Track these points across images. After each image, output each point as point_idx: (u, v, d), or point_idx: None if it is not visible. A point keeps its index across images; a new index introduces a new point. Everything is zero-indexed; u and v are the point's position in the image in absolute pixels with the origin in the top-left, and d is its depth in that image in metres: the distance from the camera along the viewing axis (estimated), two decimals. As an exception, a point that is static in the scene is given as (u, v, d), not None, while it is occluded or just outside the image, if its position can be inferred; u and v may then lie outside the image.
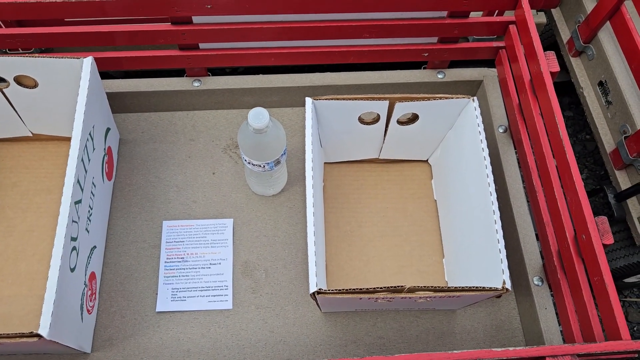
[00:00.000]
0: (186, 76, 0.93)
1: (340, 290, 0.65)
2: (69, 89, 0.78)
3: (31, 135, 0.90)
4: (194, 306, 0.81)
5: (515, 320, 0.81)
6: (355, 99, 0.77)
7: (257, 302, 0.82)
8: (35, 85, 0.79)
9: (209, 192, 0.90)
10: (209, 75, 0.93)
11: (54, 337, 0.60)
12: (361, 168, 0.92)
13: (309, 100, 0.77)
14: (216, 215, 0.88)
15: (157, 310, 0.81)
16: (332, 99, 0.77)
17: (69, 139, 0.89)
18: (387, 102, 0.78)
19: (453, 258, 0.83)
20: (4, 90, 0.80)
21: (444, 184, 0.88)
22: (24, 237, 0.84)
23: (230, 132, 0.95)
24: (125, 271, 0.83)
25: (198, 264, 0.84)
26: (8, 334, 0.59)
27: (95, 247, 0.79)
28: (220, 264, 0.84)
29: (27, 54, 0.75)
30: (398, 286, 0.65)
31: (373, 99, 0.77)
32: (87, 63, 0.75)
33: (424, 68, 0.96)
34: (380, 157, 0.91)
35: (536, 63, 0.75)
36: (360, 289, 0.65)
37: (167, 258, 0.84)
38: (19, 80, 0.78)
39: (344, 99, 0.77)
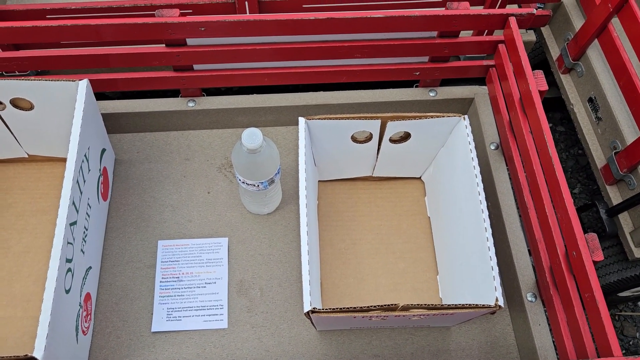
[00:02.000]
0: (181, 96, 0.94)
1: (334, 309, 0.65)
2: (65, 111, 0.79)
3: (27, 156, 0.91)
4: (190, 326, 0.81)
5: (510, 336, 0.82)
6: (348, 118, 0.78)
7: (253, 321, 0.82)
8: (31, 108, 0.80)
9: (204, 211, 0.90)
10: (204, 96, 0.94)
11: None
12: (355, 186, 0.93)
13: (302, 120, 0.78)
14: (211, 234, 0.88)
15: (152, 330, 0.81)
16: (325, 119, 0.78)
17: (64, 160, 0.90)
18: (379, 121, 0.79)
19: (447, 275, 0.84)
20: (0, 112, 0.80)
21: (436, 201, 0.89)
22: (19, 258, 0.85)
23: (224, 151, 0.95)
24: (120, 291, 0.83)
25: (193, 284, 0.84)
26: (2, 357, 0.59)
27: (90, 267, 0.79)
28: (215, 283, 0.85)
29: (22, 77, 0.76)
30: (392, 304, 0.66)
31: (365, 118, 0.78)
32: (83, 85, 0.76)
33: (416, 86, 0.97)
34: (373, 175, 0.92)
35: (525, 82, 0.76)
36: (354, 307, 0.65)
37: (163, 278, 0.85)
38: (15, 103, 0.79)
39: (336, 118, 0.78)
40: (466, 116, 0.79)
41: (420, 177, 0.94)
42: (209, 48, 0.81)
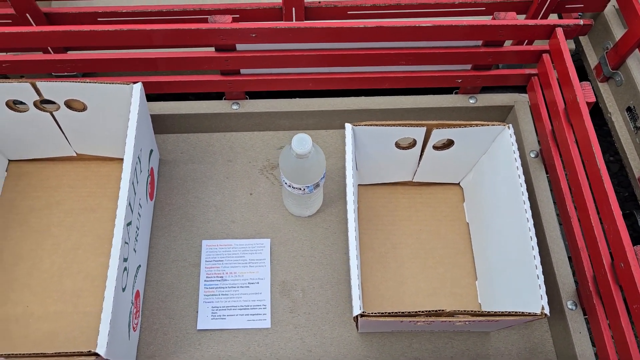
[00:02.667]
0: (224, 99, 0.96)
1: (382, 313, 0.67)
2: (116, 113, 0.81)
3: (75, 155, 0.93)
4: (234, 324, 0.83)
5: (548, 343, 0.83)
6: (394, 125, 0.79)
7: (295, 321, 0.84)
8: (84, 109, 0.82)
9: (246, 213, 0.92)
10: (247, 99, 0.96)
11: (109, 356, 0.63)
12: (395, 190, 0.94)
13: (348, 126, 0.79)
14: (254, 235, 0.90)
15: (198, 328, 0.83)
16: (371, 125, 0.79)
17: (111, 159, 0.93)
18: (424, 129, 0.80)
19: (486, 281, 0.85)
20: (54, 112, 0.83)
21: (476, 207, 0.90)
22: (68, 254, 0.87)
23: (266, 153, 0.97)
24: (166, 289, 0.85)
25: (237, 283, 0.86)
26: (66, 352, 0.61)
27: (140, 266, 0.81)
28: (258, 283, 0.86)
29: (71, 78, 0.78)
30: (439, 310, 0.67)
31: (411, 125, 0.79)
32: (137, 89, 0.77)
33: (456, 93, 0.98)
34: (413, 180, 0.93)
35: (571, 92, 0.77)
36: (402, 312, 0.67)
37: (207, 277, 0.87)
38: (68, 104, 0.81)
39: (382, 125, 0.79)
40: (510, 125, 0.80)
41: (458, 183, 0.95)
42: (257, 53, 0.83)
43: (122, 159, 0.93)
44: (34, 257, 0.87)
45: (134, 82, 0.79)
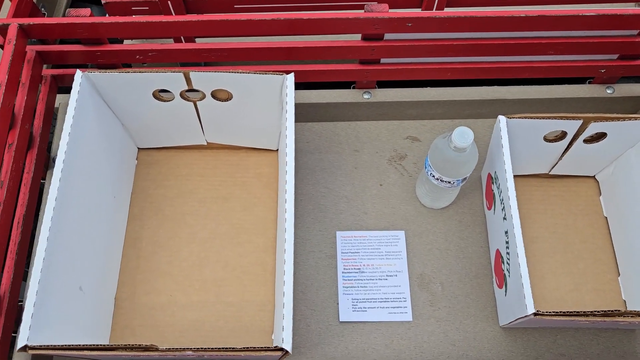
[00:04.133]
0: (353, 88, 0.94)
1: (557, 312, 0.66)
2: (261, 103, 0.81)
3: (205, 144, 0.93)
4: (376, 317, 0.83)
5: (699, 342, 0.81)
6: (548, 117, 0.77)
7: (437, 315, 0.83)
8: (228, 98, 0.81)
9: (378, 204, 0.91)
10: (376, 88, 0.94)
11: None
12: (527, 182, 0.92)
13: (503, 119, 0.77)
14: (387, 227, 0.89)
15: (340, 320, 0.83)
16: (524, 118, 0.77)
17: (238, 148, 0.92)
18: (580, 122, 0.78)
19: (631, 277, 0.83)
20: (197, 102, 0.82)
21: (617, 202, 0.87)
22: (206, 244, 0.87)
23: (393, 143, 0.96)
24: (305, 280, 0.85)
25: (375, 275, 0.86)
26: (254, 347, 0.61)
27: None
28: (396, 276, 0.86)
29: (193, 67, 0.76)
30: (614, 310, 0.66)
31: (567, 117, 0.77)
32: (291, 79, 0.76)
33: (589, 82, 0.95)
34: (549, 173, 0.91)
35: None
36: (578, 312, 0.66)
37: (345, 268, 0.86)
38: (214, 94, 0.81)
39: (536, 117, 0.77)
40: (670, 119, 0.77)
41: (594, 176, 0.92)
42: (405, 43, 0.81)
43: (253, 148, 0.93)
44: (171, 246, 0.87)
45: (279, 72, 0.78)
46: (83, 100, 0.74)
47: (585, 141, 0.82)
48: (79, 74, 0.74)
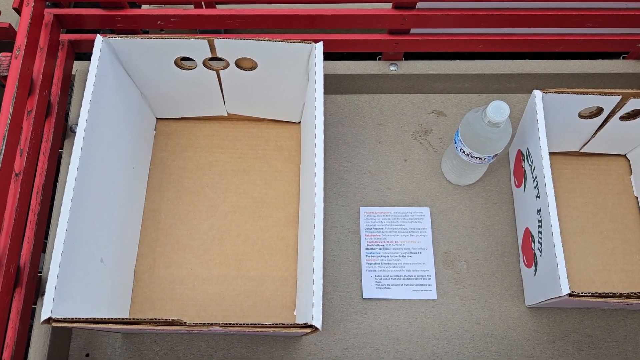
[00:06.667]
0: (379, 59, 0.91)
1: (593, 294, 0.64)
2: (287, 72, 0.78)
3: (226, 115, 0.90)
4: (399, 294, 0.82)
5: None
6: (585, 92, 0.74)
7: (461, 293, 0.82)
8: (252, 68, 0.78)
9: (402, 179, 0.89)
10: (403, 60, 0.91)
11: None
12: (556, 160, 0.89)
13: (538, 93, 0.75)
14: (411, 203, 0.87)
15: (363, 297, 0.81)
16: (561, 92, 0.75)
17: (259, 120, 0.90)
18: (618, 97, 0.75)
19: (661, 259, 0.81)
20: (220, 71, 0.79)
21: (649, 181, 0.85)
22: (226, 217, 0.85)
23: (417, 117, 0.93)
24: (328, 256, 0.84)
25: (399, 252, 0.84)
26: (283, 324, 0.60)
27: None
28: (421, 253, 0.84)
29: (213, 35, 0.73)
30: (652, 292, 0.64)
31: (605, 93, 0.74)
32: (320, 49, 0.73)
33: (623, 57, 0.92)
34: (580, 150, 0.88)
35: None
36: (614, 293, 0.64)
37: (368, 245, 0.84)
38: (238, 62, 0.78)
39: (573, 92, 0.74)
40: None
41: (625, 155, 0.90)
42: (440, 12, 0.77)
43: (274, 120, 0.91)
44: (191, 219, 0.85)
45: (305, 41, 0.74)
46: (103, 66, 0.72)
47: (622, 118, 0.79)
48: (99, 39, 0.71)
